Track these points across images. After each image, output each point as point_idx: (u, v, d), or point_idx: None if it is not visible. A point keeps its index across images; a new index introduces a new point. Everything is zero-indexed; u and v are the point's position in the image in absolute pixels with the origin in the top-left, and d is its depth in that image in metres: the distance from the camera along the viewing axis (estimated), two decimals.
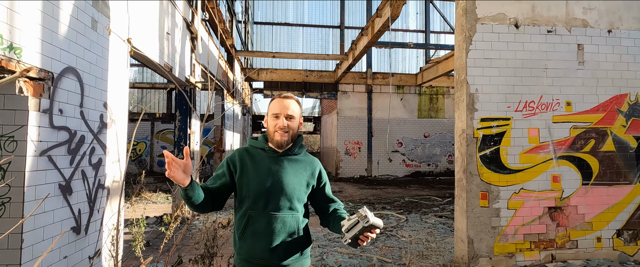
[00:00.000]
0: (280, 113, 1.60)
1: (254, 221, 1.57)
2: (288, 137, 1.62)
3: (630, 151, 4.22)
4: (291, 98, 1.65)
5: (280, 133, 1.60)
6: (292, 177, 1.62)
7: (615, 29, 4.26)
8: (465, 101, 3.99)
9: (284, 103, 1.62)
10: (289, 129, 1.61)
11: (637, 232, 4.19)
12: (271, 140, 1.64)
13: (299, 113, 1.66)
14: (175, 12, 5.61)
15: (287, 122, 1.61)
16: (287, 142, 1.62)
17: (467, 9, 4.02)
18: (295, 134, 1.66)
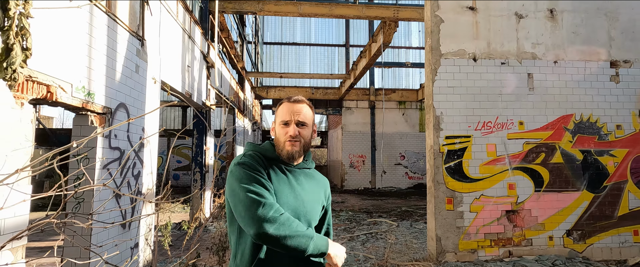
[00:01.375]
0: (290, 120, 1.35)
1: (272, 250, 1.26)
2: (299, 148, 1.36)
3: (577, 162, 4.97)
4: (302, 102, 1.38)
5: (291, 143, 1.34)
6: (310, 195, 1.38)
7: (560, 60, 5.07)
8: (432, 122, 4.84)
9: (294, 108, 1.36)
10: (301, 138, 1.35)
11: (585, 232, 4.89)
12: (281, 150, 1.36)
13: (311, 119, 1.40)
14: (194, 46, 6.65)
15: (299, 130, 1.35)
16: (299, 154, 1.36)
17: (433, 46, 4.91)
18: (308, 144, 1.40)
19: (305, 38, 21.80)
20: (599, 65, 5.11)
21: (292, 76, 14.39)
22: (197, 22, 6.85)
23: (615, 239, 4.91)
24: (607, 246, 4.89)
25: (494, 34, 5.00)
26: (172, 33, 5.33)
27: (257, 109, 18.65)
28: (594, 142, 5.01)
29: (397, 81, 20.58)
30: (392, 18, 8.05)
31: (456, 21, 4.96)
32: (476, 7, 5.00)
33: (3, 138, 2.20)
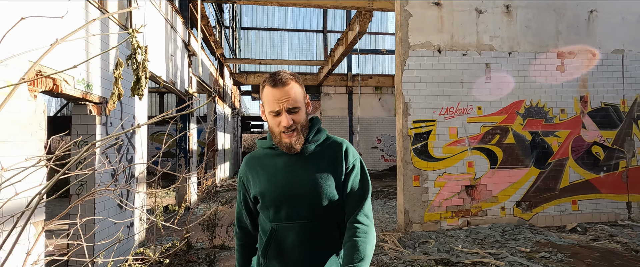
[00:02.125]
0: (280, 109, 1.21)
1: (278, 236, 1.25)
2: (298, 135, 1.24)
3: (526, 142, 5.65)
4: (287, 82, 1.22)
5: (287, 135, 1.23)
6: (315, 174, 1.26)
7: (514, 51, 5.67)
8: (401, 108, 5.35)
9: (281, 93, 1.20)
10: (297, 124, 1.23)
11: (532, 203, 5.62)
12: (279, 142, 1.26)
13: (302, 96, 1.26)
14: (176, 36, 6.83)
15: (292, 117, 1.22)
16: (298, 141, 1.24)
17: (402, 39, 5.38)
18: (306, 124, 1.27)
19: (283, 24, 21.83)
20: (547, 56, 5.76)
21: (271, 62, 14.59)
22: (178, 11, 7.00)
23: (557, 209, 5.68)
24: (550, 215, 5.65)
25: (456, 27, 5.52)
26: (155, 24, 5.53)
27: (236, 95, 18.75)
28: (541, 124, 5.70)
29: (374, 67, 21.11)
30: (367, 8, 8.44)
31: (423, 15, 5.43)
32: (441, 3, 5.48)
33: (22, 126, 2.51)
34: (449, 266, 3.90)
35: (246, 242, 1.43)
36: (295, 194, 1.25)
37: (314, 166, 1.28)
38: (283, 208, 1.26)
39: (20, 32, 2.48)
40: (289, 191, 1.26)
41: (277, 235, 1.27)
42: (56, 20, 2.84)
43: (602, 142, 5.87)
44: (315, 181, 1.26)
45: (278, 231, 1.27)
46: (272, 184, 1.27)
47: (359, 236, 1.22)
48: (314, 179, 1.26)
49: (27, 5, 2.57)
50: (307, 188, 1.25)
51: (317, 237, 1.26)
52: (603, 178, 5.84)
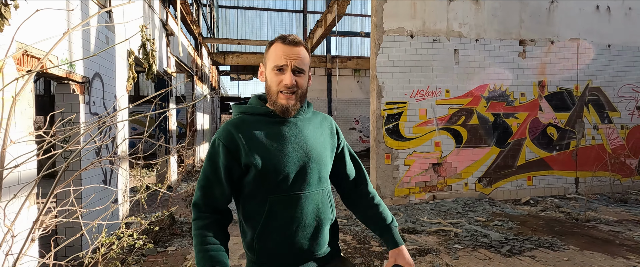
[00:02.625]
0: (286, 65, 1.14)
1: (278, 209, 1.16)
2: (296, 100, 1.18)
3: (489, 123, 6.12)
4: (300, 44, 1.17)
5: (285, 95, 1.15)
6: (314, 142, 1.22)
7: (481, 38, 6.05)
8: (375, 91, 5.67)
9: (292, 51, 1.15)
10: (299, 88, 1.17)
11: (492, 179, 6.15)
12: (273, 103, 1.19)
13: (309, 65, 1.22)
14: (154, 15, 6.79)
15: (296, 79, 1.16)
16: (294, 107, 1.19)
17: (377, 24, 5.63)
18: (304, 94, 1.22)
19: (262, 3, 21.49)
20: (510, 43, 6.17)
21: (250, 43, 14.52)
22: None
23: (514, 184, 6.24)
24: (507, 189, 6.21)
25: (428, 14, 5.81)
26: (135, 4, 5.51)
27: (214, 75, 18.55)
28: (503, 107, 6.18)
29: (353, 49, 21.27)
30: None
31: (397, 2, 5.68)
32: None
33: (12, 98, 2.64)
34: (413, 233, 4.34)
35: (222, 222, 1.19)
36: (307, 162, 1.18)
37: (315, 134, 1.24)
38: (286, 178, 1.15)
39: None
40: (301, 158, 1.18)
41: (276, 209, 1.15)
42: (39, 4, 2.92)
43: (556, 124, 6.43)
44: (318, 148, 1.22)
45: (277, 205, 1.15)
46: (279, 153, 1.15)
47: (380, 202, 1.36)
48: (318, 147, 1.22)
49: None
50: (316, 155, 1.21)
51: (315, 206, 1.20)
52: (555, 156, 6.43)
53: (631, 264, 3.26)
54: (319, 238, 1.23)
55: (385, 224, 1.32)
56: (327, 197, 1.25)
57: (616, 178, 6.62)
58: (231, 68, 18.02)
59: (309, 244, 1.21)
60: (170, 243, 4.11)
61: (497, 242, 3.89)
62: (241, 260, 3.57)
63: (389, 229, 1.31)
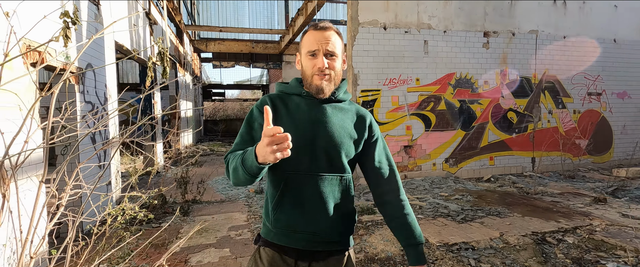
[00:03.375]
0: (318, 50, 1.21)
1: (293, 186, 1.22)
2: (330, 81, 1.24)
3: (455, 109, 6.69)
4: (330, 28, 1.24)
5: (319, 76, 1.22)
6: (338, 127, 1.25)
7: (449, 30, 6.55)
8: (351, 79, 6.11)
9: (322, 35, 1.22)
10: (331, 70, 1.23)
11: (457, 159, 6.77)
12: (309, 85, 1.26)
13: (341, 49, 1.27)
14: (137, 5, 6.96)
15: (328, 61, 1.22)
16: (329, 88, 1.24)
17: (352, 17, 6.03)
18: (339, 77, 1.28)
19: None
20: (475, 35, 6.70)
21: (232, 30, 14.62)
22: None
23: (477, 164, 6.88)
24: (471, 168, 6.84)
25: (400, 7, 6.25)
26: None
27: (196, 62, 18.53)
28: (468, 94, 6.75)
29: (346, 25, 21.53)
30: None
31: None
32: None
33: (21, 94, 2.94)
34: None
35: None
36: (321, 145, 1.22)
37: (342, 121, 1.27)
38: (304, 157, 1.20)
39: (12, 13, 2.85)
40: (317, 141, 1.22)
41: (292, 184, 1.21)
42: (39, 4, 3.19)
43: (516, 109, 7.07)
44: (340, 135, 1.24)
45: (293, 181, 1.21)
46: (299, 129, 1.21)
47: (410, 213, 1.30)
48: (340, 133, 1.24)
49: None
50: (333, 140, 1.23)
51: (331, 189, 1.23)
52: (515, 138, 7.10)
53: (560, 225, 3.89)
54: (331, 223, 1.23)
55: (412, 240, 1.28)
56: (344, 186, 1.25)
57: (567, 157, 7.36)
58: (213, 55, 18.05)
59: (320, 226, 1.22)
60: (164, 220, 4.51)
61: (454, 212, 4.47)
62: (230, 231, 4.02)
63: (414, 246, 1.28)
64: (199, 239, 3.82)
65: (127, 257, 3.20)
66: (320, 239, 1.24)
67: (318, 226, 1.23)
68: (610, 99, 7.76)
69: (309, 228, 1.22)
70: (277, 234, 1.24)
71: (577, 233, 3.70)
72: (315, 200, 1.22)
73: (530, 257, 3.18)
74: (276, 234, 1.25)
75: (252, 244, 3.44)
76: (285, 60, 17.55)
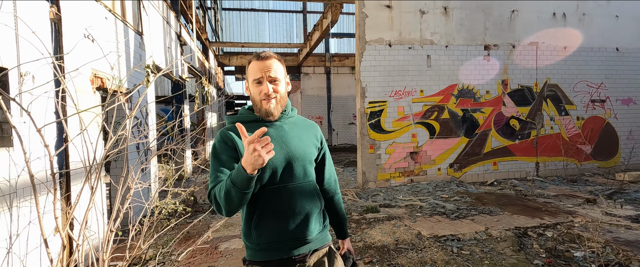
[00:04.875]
0: (262, 77, 1.34)
1: (270, 199, 1.32)
2: (277, 103, 1.37)
3: (458, 117, 7.17)
4: (270, 57, 1.36)
5: (267, 100, 1.35)
6: (298, 141, 1.40)
7: (450, 45, 7.08)
8: (359, 92, 6.74)
9: (264, 64, 1.34)
10: (276, 94, 1.36)
11: (462, 164, 7.22)
12: (259, 110, 1.38)
13: (283, 73, 1.39)
14: (170, 30, 7.89)
15: (273, 86, 1.35)
16: (277, 109, 1.37)
17: (360, 36, 6.68)
18: (284, 98, 1.41)
19: (263, 4, 22.48)
20: (476, 48, 7.20)
21: (253, 45, 15.59)
22: (171, 7, 8.02)
23: (481, 169, 7.31)
24: (475, 173, 7.27)
25: (404, 25, 6.85)
26: (155, 22, 6.62)
27: (220, 76, 19.65)
28: (471, 103, 7.22)
29: (351, 47, 22.24)
30: (338, 1, 9.61)
31: (377, 16, 6.72)
32: (391, 5, 6.78)
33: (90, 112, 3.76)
34: (388, 207, 5.43)
35: None
36: (289, 158, 1.35)
37: (300, 135, 1.42)
38: (276, 172, 1.32)
39: (80, 48, 3.68)
40: (287, 155, 1.35)
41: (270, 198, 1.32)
42: (96, 30, 4.03)
43: (518, 117, 7.46)
44: (303, 147, 1.40)
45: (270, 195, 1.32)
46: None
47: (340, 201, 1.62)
48: (302, 145, 1.40)
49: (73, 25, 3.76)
50: (301, 152, 1.38)
51: (303, 195, 1.37)
52: (518, 144, 7.48)
53: (543, 221, 4.33)
54: (309, 224, 1.37)
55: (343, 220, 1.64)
56: (313, 188, 1.41)
57: (571, 162, 7.65)
58: (235, 68, 19.11)
59: (300, 230, 1.35)
60: (195, 217, 5.25)
61: (449, 211, 4.98)
62: None
63: (343, 224, 1.64)
64: (226, 231, 4.51)
65: (170, 242, 3.94)
66: (303, 242, 1.37)
67: (300, 230, 1.35)
68: (615, 105, 8.00)
69: (293, 234, 1.34)
70: (261, 251, 1.35)
71: (557, 228, 4.14)
72: (294, 207, 1.34)
73: (507, 246, 3.67)
74: (260, 251, 1.35)
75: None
76: (303, 72, 18.36)
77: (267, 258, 1.35)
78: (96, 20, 4.04)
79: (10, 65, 2.55)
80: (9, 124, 2.59)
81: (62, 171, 3.24)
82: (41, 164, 2.90)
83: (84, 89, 3.77)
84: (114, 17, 4.53)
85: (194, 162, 9.24)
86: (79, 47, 3.56)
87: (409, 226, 4.37)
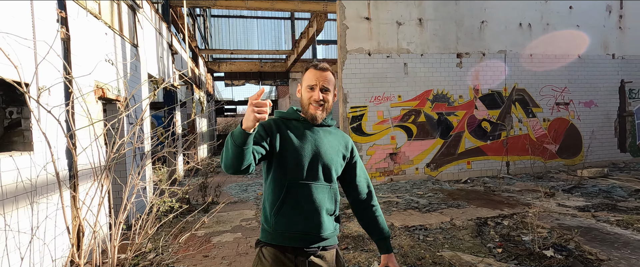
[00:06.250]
0: (315, 85, 1.49)
1: (293, 192, 1.45)
2: (323, 111, 1.52)
3: (434, 120, 7.73)
4: (327, 70, 1.52)
5: (314, 106, 1.50)
6: (328, 147, 1.52)
7: (425, 53, 7.65)
8: (342, 98, 7.24)
9: (321, 74, 1.50)
10: (325, 102, 1.51)
11: (438, 164, 7.77)
12: (305, 112, 1.53)
13: (334, 85, 1.55)
14: (162, 40, 8.29)
15: (323, 95, 1.50)
16: (321, 116, 1.52)
17: (342, 46, 7.20)
18: (330, 107, 1.55)
19: (252, 11, 22.91)
20: (449, 56, 7.78)
21: (242, 52, 16.01)
22: (162, 18, 8.43)
23: (456, 168, 7.87)
24: (450, 172, 7.83)
25: (382, 36, 7.40)
26: (149, 34, 7.02)
27: (210, 82, 19.99)
28: (445, 107, 7.79)
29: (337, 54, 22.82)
30: (322, 11, 10.13)
31: (357, 27, 7.25)
32: (370, 17, 7.32)
33: (95, 118, 4.17)
34: None
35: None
36: (316, 159, 1.47)
37: (331, 142, 1.54)
38: (303, 168, 1.45)
39: (85, 60, 4.09)
40: (313, 155, 1.47)
41: (292, 190, 1.44)
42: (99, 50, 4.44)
43: (489, 119, 8.06)
44: (331, 153, 1.52)
45: (293, 187, 1.44)
46: (300, 146, 1.47)
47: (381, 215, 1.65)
48: (331, 152, 1.52)
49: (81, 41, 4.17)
50: (328, 158, 1.50)
51: (323, 196, 1.47)
52: (489, 145, 8.07)
53: (502, 212, 4.87)
54: (323, 223, 1.47)
55: (383, 235, 1.63)
56: (332, 193, 1.51)
57: (538, 160, 8.27)
58: (225, 74, 19.47)
59: (315, 226, 1.46)
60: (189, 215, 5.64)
61: (422, 205, 5.49)
62: (241, 222, 5.11)
63: (385, 239, 1.63)
64: (218, 227, 4.93)
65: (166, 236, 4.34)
66: (313, 238, 1.47)
67: (314, 226, 1.45)
68: (578, 108, 8.68)
69: (306, 228, 1.45)
70: (277, 236, 1.46)
71: (513, 218, 4.68)
72: (311, 204, 1.45)
73: (467, 233, 4.19)
74: (276, 236, 1.46)
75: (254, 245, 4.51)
76: (291, 77, 18.84)
77: (281, 243, 1.47)
78: (97, 36, 4.45)
79: (29, 80, 2.96)
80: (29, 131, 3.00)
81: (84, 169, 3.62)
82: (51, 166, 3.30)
83: (89, 98, 4.17)
84: (113, 33, 4.95)
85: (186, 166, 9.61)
86: (83, 62, 3.98)
87: None
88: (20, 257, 2.71)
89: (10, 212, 2.64)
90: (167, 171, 6.10)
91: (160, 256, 3.92)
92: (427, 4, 7.62)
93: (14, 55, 2.65)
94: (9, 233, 2.61)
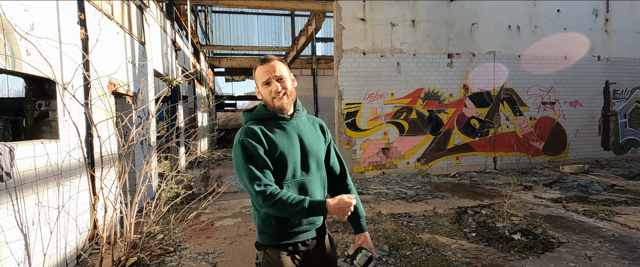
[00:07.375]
0: (269, 78, 1.48)
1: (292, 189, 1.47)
2: (288, 99, 1.51)
3: (425, 117, 8.13)
4: (272, 60, 1.50)
5: (278, 98, 1.48)
6: (312, 138, 1.56)
7: (418, 53, 8.03)
8: (337, 95, 7.63)
9: (269, 67, 1.48)
10: (285, 89, 1.49)
11: (428, 159, 8.18)
12: (272, 108, 1.51)
13: (287, 71, 1.52)
14: (167, 37, 8.66)
15: (280, 84, 1.48)
16: (289, 104, 1.51)
17: (338, 45, 7.57)
18: (293, 93, 1.54)
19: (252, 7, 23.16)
20: (441, 56, 8.16)
21: (243, 48, 16.36)
22: (167, 16, 8.78)
23: (445, 163, 8.28)
24: (440, 167, 8.24)
25: (376, 36, 7.77)
26: (154, 32, 7.39)
27: (210, 77, 20.33)
28: (436, 105, 8.18)
29: None
30: (321, 10, 10.48)
31: (353, 28, 7.63)
32: (365, 19, 7.69)
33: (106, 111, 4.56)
34: (360, 194, 6.33)
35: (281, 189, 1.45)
36: (305, 154, 1.51)
37: (311, 131, 1.57)
38: (296, 167, 1.47)
39: (100, 58, 4.47)
40: (304, 151, 1.51)
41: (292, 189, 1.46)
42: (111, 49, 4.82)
43: (478, 117, 8.46)
44: (316, 143, 1.56)
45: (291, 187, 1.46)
46: (289, 146, 1.48)
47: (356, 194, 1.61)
48: (315, 142, 1.56)
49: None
50: (315, 148, 1.54)
51: (317, 187, 1.53)
52: (478, 141, 8.47)
53: (482, 202, 5.29)
54: None
55: (357, 214, 1.63)
56: (322, 181, 1.58)
57: (524, 157, 8.69)
58: (226, 70, 19.82)
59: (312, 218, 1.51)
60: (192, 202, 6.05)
61: (410, 196, 5.91)
62: (241, 209, 5.52)
63: (358, 218, 1.64)
64: (219, 213, 5.34)
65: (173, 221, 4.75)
66: (315, 227, 1.55)
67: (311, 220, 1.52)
68: (564, 107, 9.08)
69: (306, 222, 1.51)
70: (280, 236, 1.49)
71: (491, 207, 5.10)
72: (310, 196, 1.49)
73: (447, 220, 4.60)
74: (279, 236, 1.49)
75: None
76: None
77: (285, 241, 1.50)
78: (110, 35, 4.83)
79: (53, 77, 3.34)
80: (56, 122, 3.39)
81: (116, 152, 4.00)
82: (76, 153, 3.69)
83: (103, 93, 4.56)
84: (123, 32, 5.32)
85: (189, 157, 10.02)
86: (98, 60, 4.36)
87: (373, 207, 5.28)
88: (49, 231, 3.12)
89: (42, 191, 3.04)
90: (171, 160, 6.51)
91: (168, 237, 4.34)
92: (420, 6, 7.99)
93: (46, 56, 3.03)
94: (42, 209, 3.01)
